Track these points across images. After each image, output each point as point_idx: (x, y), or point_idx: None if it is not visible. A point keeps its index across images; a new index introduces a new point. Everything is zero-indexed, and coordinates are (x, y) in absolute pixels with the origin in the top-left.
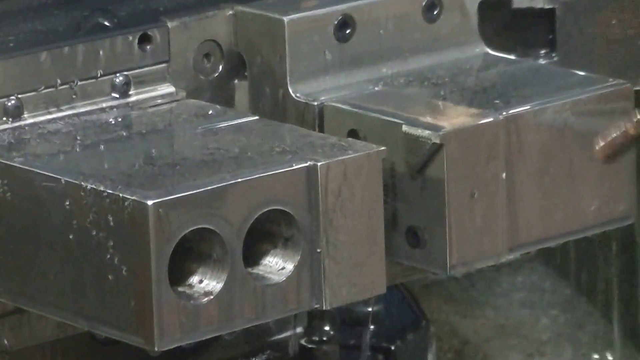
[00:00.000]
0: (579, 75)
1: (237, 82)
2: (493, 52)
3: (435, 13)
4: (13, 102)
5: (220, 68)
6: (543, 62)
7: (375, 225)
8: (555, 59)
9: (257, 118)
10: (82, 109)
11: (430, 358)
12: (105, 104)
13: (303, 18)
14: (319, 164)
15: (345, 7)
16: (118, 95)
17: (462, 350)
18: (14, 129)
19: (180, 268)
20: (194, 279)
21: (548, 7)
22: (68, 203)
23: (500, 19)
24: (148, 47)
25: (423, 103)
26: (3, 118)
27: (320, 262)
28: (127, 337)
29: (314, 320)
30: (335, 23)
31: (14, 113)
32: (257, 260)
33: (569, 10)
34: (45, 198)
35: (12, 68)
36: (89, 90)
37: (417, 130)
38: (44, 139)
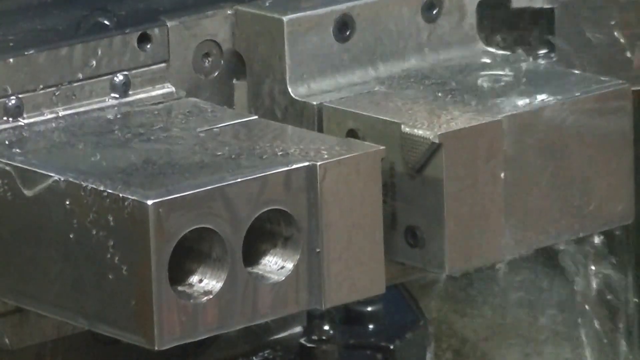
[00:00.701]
0: (578, 75)
1: (236, 81)
2: (492, 51)
3: (435, 13)
4: (13, 101)
5: (220, 68)
6: (542, 62)
7: (374, 225)
8: (554, 59)
9: (256, 118)
10: (82, 109)
11: (429, 357)
12: (105, 104)
13: (302, 18)
14: (318, 164)
15: (345, 7)
16: (118, 95)
17: (460, 350)
18: (14, 129)
19: (180, 267)
20: (194, 278)
21: (547, 7)
22: (68, 203)
23: (499, 19)
24: (148, 46)
25: (422, 103)
26: (3, 118)
27: (320, 261)
28: (127, 336)
29: (314, 320)
30: (335, 23)
31: (14, 113)
32: (256, 260)
33: (568, 10)
34: (46, 197)
35: (12, 68)
36: (89, 90)
37: (416, 130)
38: (44, 139)
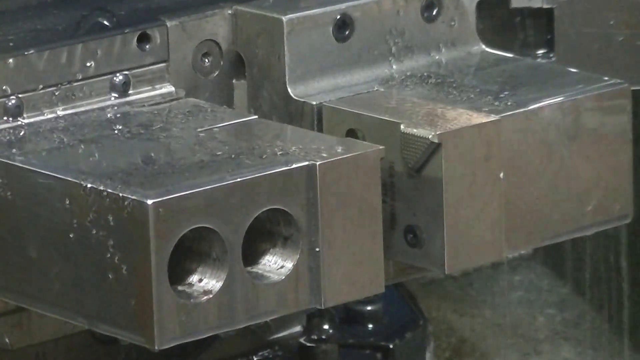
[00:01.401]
0: (577, 75)
1: (236, 81)
2: (491, 51)
3: (434, 12)
4: (13, 101)
5: (219, 67)
6: (541, 61)
7: (374, 225)
8: (554, 59)
9: (256, 117)
10: (81, 108)
11: (428, 356)
12: (105, 103)
13: (302, 17)
14: (318, 164)
15: (344, 6)
16: (117, 95)
17: (459, 349)
18: (14, 128)
19: (180, 267)
20: (194, 278)
21: (546, 6)
22: (68, 202)
23: (499, 18)
24: (147, 46)
25: (421, 103)
26: (3, 117)
27: (319, 261)
28: (127, 335)
29: (313, 319)
30: (334, 23)
31: (14, 112)
32: (256, 259)
33: (568, 10)
34: (45, 197)
35: (12, 68)
36: (89, 90)
37: (415, 130)
38: (44, 138)
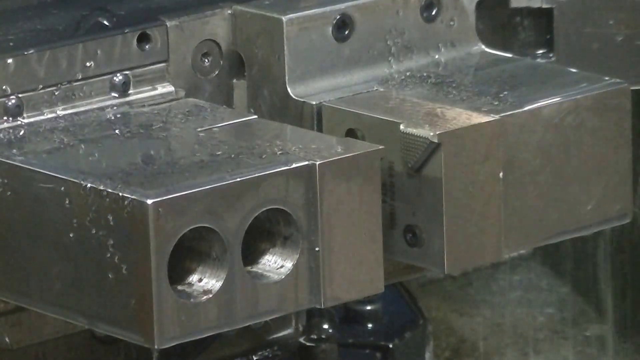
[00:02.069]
0: (577, 75)
1: (235, 81)
2: (491, 51)
3: (434, 12)
4: (13, 101)
5: (219, 67)
6: (541, 61)
7: (374, 224)
8: (553, 59)
9: (255, 117)
10: (81, 108)
11: (428, 356)
12: (105, 103)
13: (301, 17)
14: (318, 163)
15: (344, 6)
16: (117, 95)
17: (459, 349)
18: (14, 128)
19: (180, 267)
20: (194, 278)
21: (546, 6)
22: (68, 202)
23: (498, 18)
24: (147, 46)
25: (421, 102)
26: (3, 117)
27: (319, 260)
28: (127, 335)
29: (313, 319)
30: (334, 22)
31: (14, 112)
32: (256, 259)
33: (567, 10)
34: (46, 197)
35: (12, 68)
36: (89, 90)
37: (415, 130)
38: (44, 138)
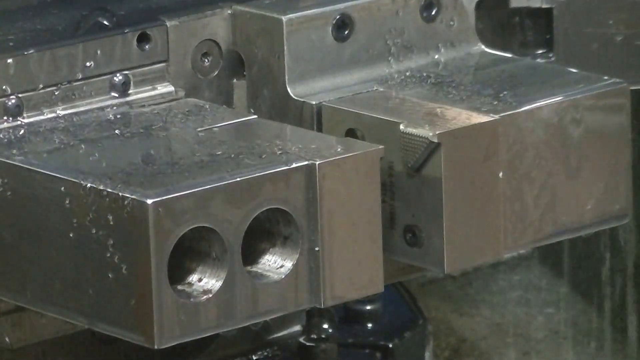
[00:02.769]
0: (576, 74)
1: (235, 81)
2: (491, 51)
3: (433, 12)
4: (13, 101)
5: (219, 67)
6: (540, 61)
7: (373, 224)
8: (553, 59)
9: (255, 117)
10: (81, 108)
11: (428, 356)
12: (105, 103)
13: (301, 17)
14: (317, 163)
15: (343, 6)
16: (117, 94)
17: (459, 348)
18: (14, 128)
19: (180, 266)
20: (193, 278)
21: (545, 6)
22: (68, 202)
23: (498, 18)
24: (147, 46)
25: (421, 102)
26: (3, 117)
27: (319, 260)
28: (127, 334)
29: (313, 319)
30: (334, 22)
31: (14, 112)
32: (255, 259)
33: (567, 10)
34: (45, 197)
35: (12, 67)
36: (89, 90)
37: (414, 130)
38: (44, 138)
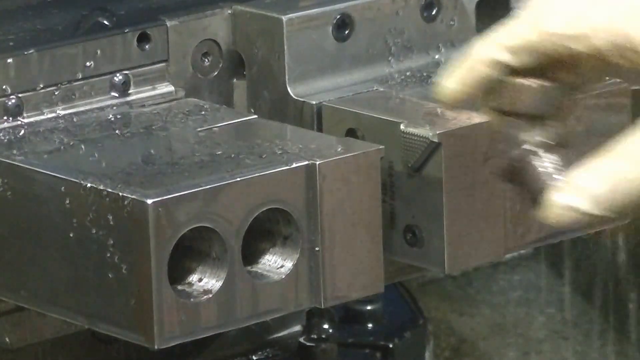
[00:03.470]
0: None
1: (235, 81)
2: None
3: (434, 12)
4: (13, 101)
5: (219, 67)
6: None
7: (373, 224)
8: None
9: (255, 117)
10: (81, 108)
11: (428, 356)
12: (105, 103)
13: (301, 17)
14: (318, 163)
15: (344, 6)
16: (117, 94)
17: (459, 348)
18: (14, 128)
19: (180, 266)
20: (194, 277)
21: None
22: (68, 202)
23: (498, 18)
24: (147, 46)
25: (421, 102)
26: (3, 117)
27: (319, 260)
28: (127, 334)
29: (313, 319)
30: (334, 22)
31: (14, 112)
32: (256, 259)
33: None
34: (45, 196)
35: (12, 67)
36: (89, 89)
37: (415, 129)
38: (44, 138)
